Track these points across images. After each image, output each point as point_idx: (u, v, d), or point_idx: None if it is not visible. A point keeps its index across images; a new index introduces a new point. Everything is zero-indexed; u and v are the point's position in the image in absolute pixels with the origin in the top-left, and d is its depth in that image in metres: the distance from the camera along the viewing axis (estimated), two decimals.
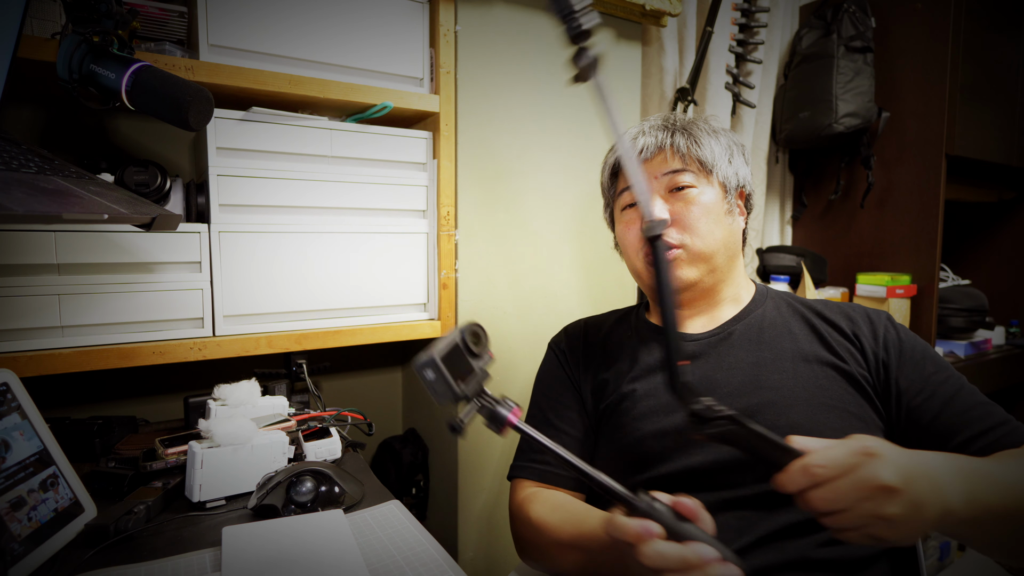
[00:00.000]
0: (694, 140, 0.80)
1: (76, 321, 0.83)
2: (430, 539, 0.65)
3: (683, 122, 0.83)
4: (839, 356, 0.75)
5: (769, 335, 0.79)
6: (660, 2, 1.32)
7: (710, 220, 0.78)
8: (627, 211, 0.85)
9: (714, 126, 0.84)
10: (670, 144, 0.80)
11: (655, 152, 0.81)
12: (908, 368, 0.73)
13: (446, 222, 1.13)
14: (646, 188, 0.59)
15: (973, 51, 1.62)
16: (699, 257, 0.78)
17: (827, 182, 1.87)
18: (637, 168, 0.60)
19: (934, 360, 0.74)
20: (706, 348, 0.80)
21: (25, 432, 0.64)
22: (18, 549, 0.57)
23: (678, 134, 0.81)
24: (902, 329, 0.78)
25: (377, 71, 1.05)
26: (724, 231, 0.80)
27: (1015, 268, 2.06)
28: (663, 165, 0.80)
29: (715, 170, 0.80)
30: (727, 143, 0.83)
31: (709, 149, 0.80)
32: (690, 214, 0.78)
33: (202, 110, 0.66)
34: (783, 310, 0.82)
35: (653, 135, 0.82)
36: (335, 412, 0.92)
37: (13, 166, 0.65)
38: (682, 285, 0.80)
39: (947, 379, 0.72)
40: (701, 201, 0.79)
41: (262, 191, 0.96)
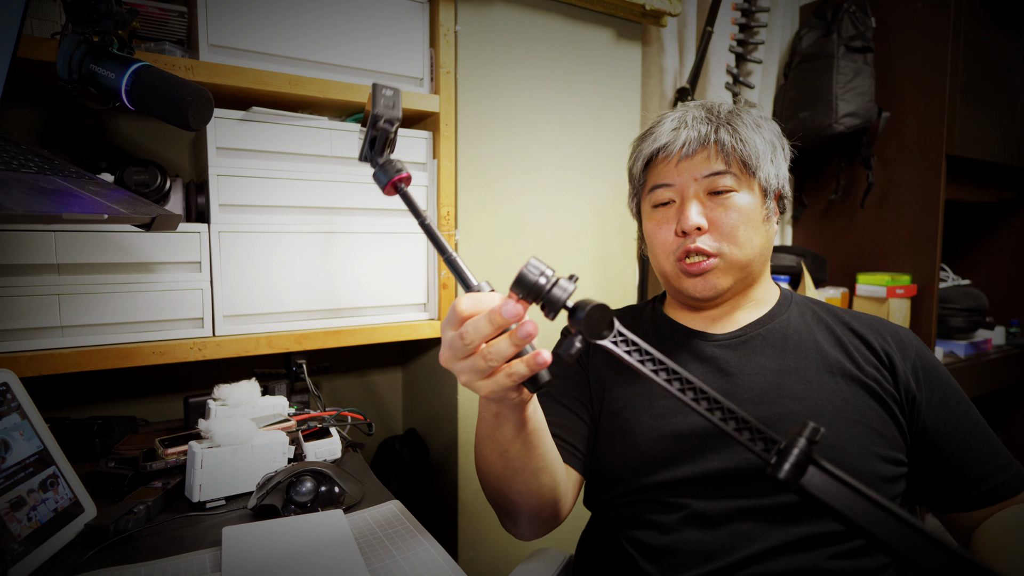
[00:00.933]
0: (739, 137, 0.74)
1: (76, 321, 0.83)
2: (430, 539, 0.65)
3: (727, 114, 0.76)
4: (865, 371, 0.72)
5: (794, 342, 0.76)
6: (660, 2, 1.32)
7: (749, 228, 0.73)
8: (659, 209, 0.79)
9: (757, 118, 0.77)
10: (714, 140, 0.74)
11: (697, 148, 0.74)
12: (936, 400, 0.72)
13: (446, 222, 1.13)
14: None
15: (973, 51, 1.62)
16: (735, 267, 0.74)
17: (827, 182, 1.87)
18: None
19: (956, 392, 0.74)
20: (726, 350, 0.77)
21: (25, 432, 0.64)
22: (18, 549, 0.57)
23: (723, 129, 0.74)
24: (929, 355, 0.76)
25: (377, 71, 1.05)
26: (762, 238, 0.75)
27: (1015, 268, 2.06)
28: (705, 165, 0.74)
29: (758, 172, 0.74)
30: (771, 138, 0.76)
31: (754, 147, 0.74)
32: (729, 221, 0.73)
33: (202, 110, 0.66)
34: (808, 318, 0.79)
35: (696, 128, 0.74)
36: (335, 412, 0.92)
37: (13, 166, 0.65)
38: (714, 294, 0.75)
39: (966, 413, 0.72)
40: (741, 207, 0.73)
41: (262, 191, 0.96)
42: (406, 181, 0.57)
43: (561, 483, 0.72)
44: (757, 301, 0.80)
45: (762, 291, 0.80)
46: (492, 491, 0.72)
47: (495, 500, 0.73)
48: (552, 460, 0.69)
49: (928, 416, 0.71)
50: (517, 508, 0.71)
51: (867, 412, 0.69)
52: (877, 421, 0.69)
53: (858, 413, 0.69)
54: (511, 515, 0.73)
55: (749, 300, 0.79)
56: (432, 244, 0.55)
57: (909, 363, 0.73)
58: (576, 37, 1.28)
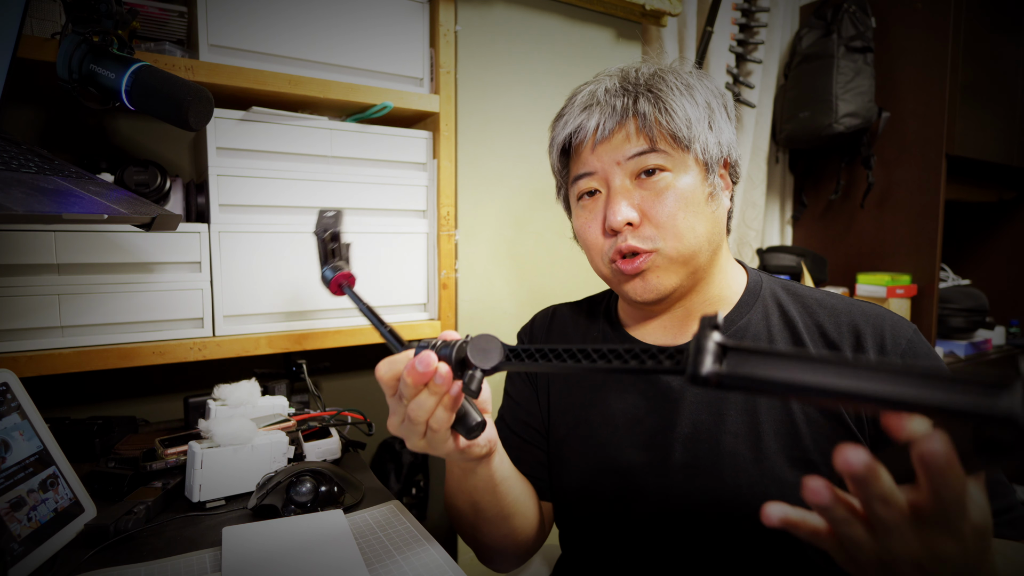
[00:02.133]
0: (663, 106, 0.62)
1: (76, 321, 0.83)
2: (430, 539, 0.65)
3: (647, 79, 0.64)
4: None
5: None
6: (660, 2, 1.33)
7: (689, 213, 0.62)
8: (585, 201, 0.68)
9: (687, 78, 0.65)
10: (633, 115, 0.63)
11: (614, 127, 0.63)
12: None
13: (446, 222, 1.13)
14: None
15: (973, 51, 1.62)
16: (678, 261, 0.63)
17: (827, 182, 1.87)
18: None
19: None
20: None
21: (25, 432, 0.64)
22: (18, 549, 0.57)
23: (642, 99, 0.62)
24: (924, 357, 0.61)
25: (377, 71, 1.05)
26: (707, 223, 0.64)
27: (1015, 268, 2.06)
28: (625, 145, 0.63)
29: (693, 144, 0.62)
30: (705, 100, 0.64)
31: (683, 118, 0.62)
32: (663, 209, 0.62)
33: (202, 110, 0.66)
34: (773, 320, 0.66)
35: (610, 104, 0.63)
36: (335, 412, 0.92)
37: (13, 166, 0.65)
38: (657, 296, 0.64)
39: None
40: (676, 189, 0.62)
41: (262, 191, 0.96)
42: (349, 280, 0.65)
43: (533, 521, 0.73)
44: (715, 300, 0.68)
45: (719, 287, 0.68)
46: (466, 536, 0.73)
47: (470, 543, 0.73)
48: (523, 504, 0.70)
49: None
50: (492, 550, 0.72)
51: (818, 446, 0.59)
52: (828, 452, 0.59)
53: (804, 449, 0.59)
54: (486, 557, 0.74)
55: (705, 300, 0.68)
56: (368, 319, 0.64)
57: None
58: (576, 37, 1.28)
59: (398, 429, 0.52)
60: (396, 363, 0.50)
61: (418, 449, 0.53)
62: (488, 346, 0.45)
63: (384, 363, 0.50)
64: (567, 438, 0.73)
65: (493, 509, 0.66)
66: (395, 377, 0.50)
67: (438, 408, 0.49)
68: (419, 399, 0.48)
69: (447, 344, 0.48)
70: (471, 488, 0.64)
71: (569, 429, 0.73)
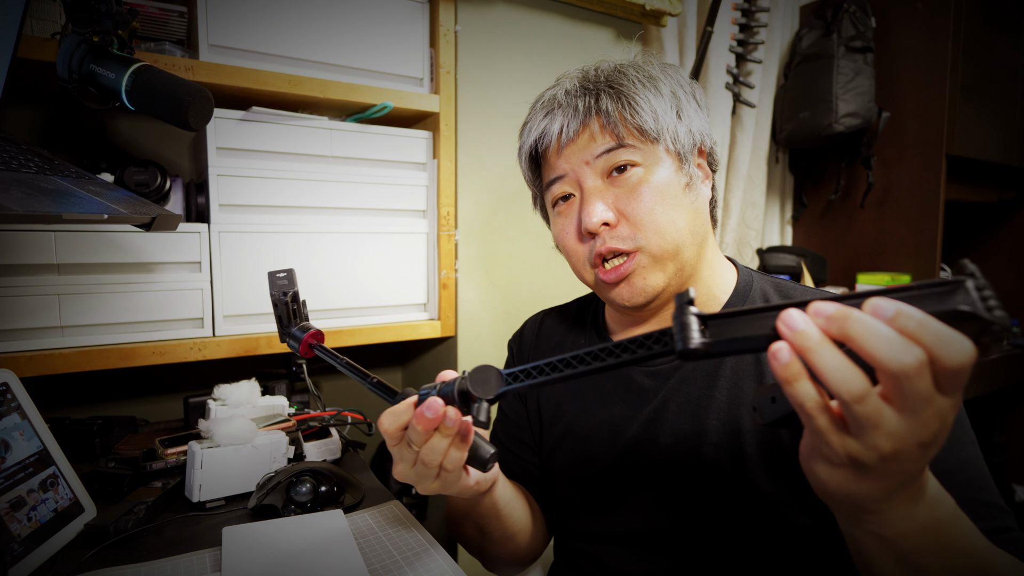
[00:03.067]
0: (627, 101, 0.60)
1: (76, 321, 0.83)
2: (430, 539, 0.65)
3: (608, 75, 0.63)
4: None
5: (731, 366, 0.62)
6: (660, 2, 1.32)
7: (667, 206, 0.60)
8: (560, 206, 0.66)
9: (649, 70, 0.63)
10: (596, 113, 0.61)
11: (578, 128, 0.62)
12: None
13: (446, 222, 1.13)
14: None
15: (973, 51, 1.62)
16: (664, 257, 0.61)
17: (827, 182, 1.87)
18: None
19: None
20: (655, 379, 0.65)
21: (25, 432, 0.64)
22: (18, 549, 0.57)
23: (604, 96, 0.61)
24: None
25: (377, 71, 1.05)
26: (687, 214, 0.61)
27: (1015, 268, 2.06)
28: (592, 144, 0.61)
29: (662, 135, 0.61)
30: (670, 91, 0.62)
31: (649, 110, 0.60)
32: (640, 203, 0.60)
33: (202, 110, 0.66)
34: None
35: (571, 105, 0.62)
36: (335, 412, 0.92)
37: (13, 166, 0.65)
38: (646, 298, 0.62)
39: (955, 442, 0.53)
40: (651, 182, 0.60)
41: (262, 191, 0.96)
42: (319, 338, 0.65)
43: (536, 534, 0.75)
44: (702, 301, 0.66)
45: (708, 285, 0.66)
46: (473, 552, 0.75)
47: (475, 556, 0.76)
48: (526, 521, 0.72)
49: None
50: (497, 564, 0.75)
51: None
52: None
53: (792, 462, 0.56)
54: (491, 568, 0.76)
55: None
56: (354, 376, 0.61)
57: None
58: (576, 37, 1.28)
59: (407, 476, 0.51)
60: (400, 414, 0.49)
61: (431, 492, 0.52)
62: (486, 376, 0.45)
63: (387, 416, 0.49)
64: (556, 449, 0.73)
65: (498, 532, 0.67)
66: (401, 428, 0.49)
67: (450, 449, 0.49)
68: (431, 444, 0.48)
69: (447, 383, 0.48)
70: (477, 516, 0.65)
71: (557, 440, 0.73)
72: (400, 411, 0.49)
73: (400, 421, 0.49)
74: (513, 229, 1.22)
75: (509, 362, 0.85)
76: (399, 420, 0.49)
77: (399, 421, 0.49)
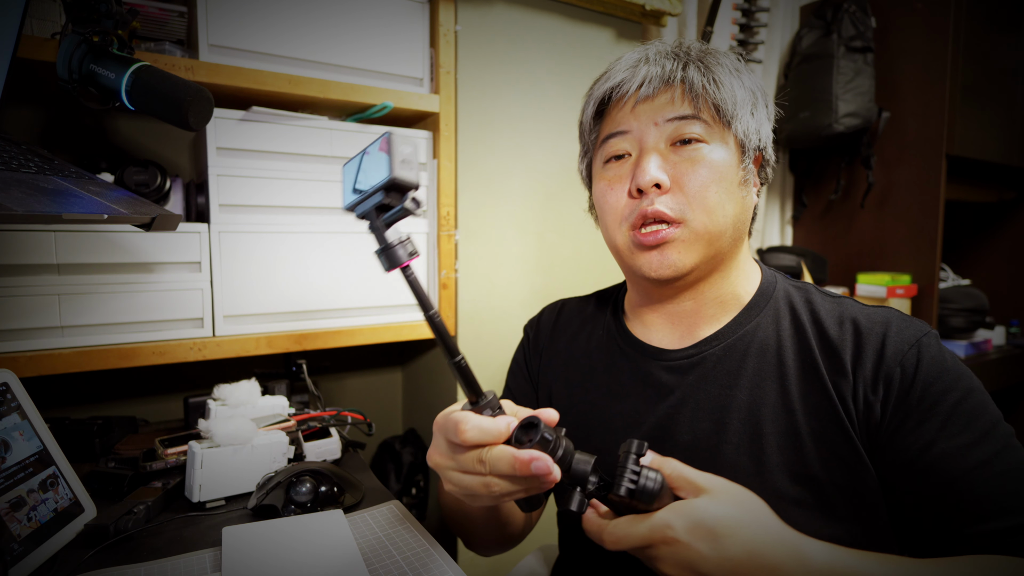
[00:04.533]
0: (713, 78, 0.60)
1: (76, 321, 0.83)
2: (430, 539, 0.65)
3: (699, 52, 0.63)
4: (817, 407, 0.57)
5: (753, 367, 0.61)
6: (660, 2, 1.32)
7: (722, 189, 0.59)
8: (611, 164, 0.65)
9: (738, 63, 0.63)
10: (680, 79, 0.60)
11: (660, 87, 0.61)
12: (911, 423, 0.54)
13: (446, 222, 1.13)
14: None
15: (973, 51, 1.62)
16: (703, 239, 0.59)
17: (827, 182, 1.87)
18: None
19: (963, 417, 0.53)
20: (674, 375, 0.64)
21: (25, 432, 0.64)
22: (18, 549, 0.57)
23: (692, 67, 0.61)
24: (930, 362, 0.55)
25: (377, 71, 1.05)
26: (737, 206, 0.61)
27: (1015, 268, 2.06)
28: (668, 107, 0.60)
29: (735, 122, 0.60)
30: (751, 86, 0.63)
31: (730, 92, 0.60)
32: (697, 178, 0.59)
33: (202, 110, 0.66)
34: (784, 326, 0.62)
35: (659, 64, 0.61)
36: (335, 412, 0.92)
37: (13, 166, 0.65)
38: (672, 273, 0.60)
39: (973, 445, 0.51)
40: (712, 162, 0.59)
41: (262, 191, 0.96)
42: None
43: (526, 521, 0.76)
44: (727, 299, 0.65)
45: (734, 283, 0.65)
46: (456, 532, 0.76)
47: (459, 536, 0.76)
48: (517, 512, 0.73)
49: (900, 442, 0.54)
50: (483, 548, 0.77)
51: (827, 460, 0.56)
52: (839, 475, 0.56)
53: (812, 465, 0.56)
54: (475, 549, 0.77)
55: (717, 297, 0.64)
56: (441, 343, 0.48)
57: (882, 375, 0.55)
58: (576, 37, 1.28)
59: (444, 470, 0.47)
60: (488, 433, 0.44)
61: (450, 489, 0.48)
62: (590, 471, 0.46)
63: (473, 429, 0.44)
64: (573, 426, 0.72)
65: (491, 523, 0.69)
66: (479, 443, 0.44)
67: (515, 490, 0.45)
68: (503, 484, 0.44)
69: (547, 442, 0.44)
70: (470, 510, 0.67)
71: (568, 431, 0.72)
72: (491, 431, 0.44)
73: (486, 439, 0.44)
74: (513, 229, 1.22)
75: (524, 345, 0.83)
76: (485, 437, 0.44)
77: (484, 438, 0.44)
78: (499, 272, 1.21)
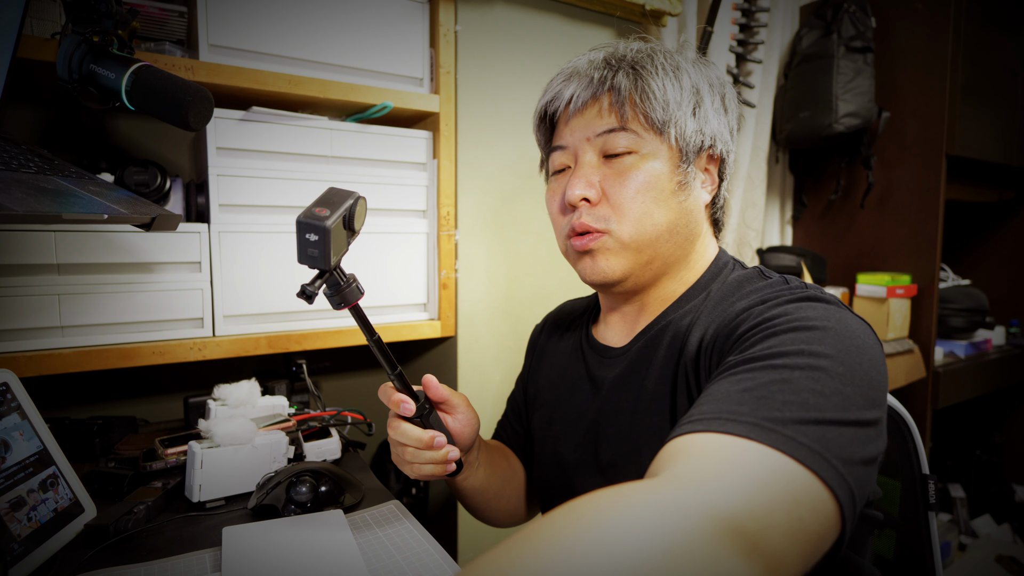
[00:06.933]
0: (643, 85, 0.59)
1: (76, 321, 0.83)
2: (430, 539, 0.65)
3: (634, 56, 0.62)
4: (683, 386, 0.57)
5: (662, 355, 0.60)
6: (660, 2, 1.32)
7: (649, 199, 0.60)
8: (556, 177, 0.67)
9: (678, 60, 0.62)
10: (608, 89, 0.61)
11: (588, 100, 0.62)
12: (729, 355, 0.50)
13: (446, 222, 1.13)
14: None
15: (973, 51, 1.62)
16: (629, 247, 0.61)
17: (827, 182, 1.87)
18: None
19: (782, 332, 0.46)
20: (609, 371, 0.66)
21: (25, 432, 0.64)
22: (18, 549, 0.57)
23: (621, 74, 0.60)
24: (778, 308, 0.50)
25: (377, 71, 1.05)
26: (669, 213, 0.61)
27: (1015, 268, 2.06)
28: (596, 121, 0.61)
29: (668, 127, 0.60)
30: (693, 84, 0.61)
31: (661, 96, 0.59)
32: (623, 190, 0.60)
33: (202, 110, 0.66)
34: (707, 312, 0.59)
35: (588, 76, 0.62)
36: (335, 412, 0.92)
37: (13, 166, 0.65)
38: (603, 279, 0.62)
39: (760, 360, 0.45)
40: (641, 172, 0.60)
41: (262, 191, 0.96)
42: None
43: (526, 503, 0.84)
44: (668, 298, 0.65)
45: (681, 283, 0.65)
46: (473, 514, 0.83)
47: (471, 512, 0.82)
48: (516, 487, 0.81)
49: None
50: (500, 523, 0.83)
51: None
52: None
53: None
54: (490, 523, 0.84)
55: (660, 297, 0.65)
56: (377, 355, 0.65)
57: (723, 336, 0.53)
58: (576, 37, 1.28)
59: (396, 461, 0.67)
60: (407, 435, 0.63)
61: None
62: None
63: (407, 428, 0.63)
64: (537, 432, 0.78)
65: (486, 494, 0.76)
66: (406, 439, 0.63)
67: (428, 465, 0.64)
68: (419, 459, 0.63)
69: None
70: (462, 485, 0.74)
71: (539, 424, 0.77)
72: (413, 436, 0.63)
73: (407, 438, 0.63)
74: (513, 229, 1.22)
75: (527, 349, 0.88)
76: (406, 436, 0.63)
77: (406, 437, 0.63)
78: (499, 272, 1.21)
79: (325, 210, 0.50)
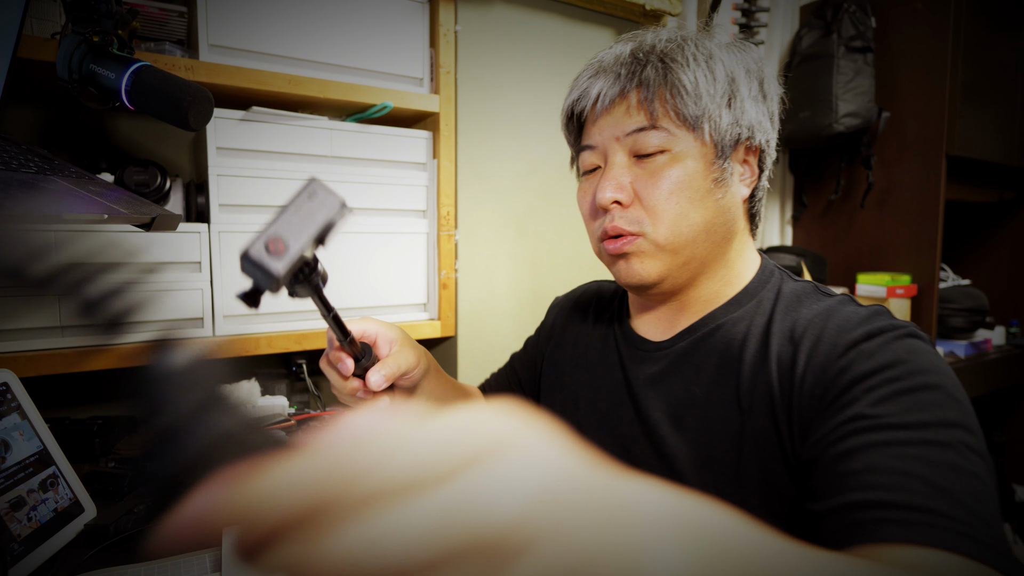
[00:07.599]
0: (672, 78, 0.56)
1: (76, 321, 0.83)
2: None
3: (663, 48, 0.58)
4: (758, 406, 0.54)
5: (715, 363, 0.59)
6: (660, 2, 1.32)
7: (683, 199, 0.57)
8: (586, 178, 0.65)
9: (710, 47, 0.58)
10: (637, 85, 0.57)
11: (616, 98, 0.58)
12: (830, 411, 0.47)
13: (446, 222, 1.13)
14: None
15: (973, 51, 1.62)
16: (665, 250, 0.58)
17: (827, 182, 1.87)
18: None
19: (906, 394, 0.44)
20: (644, 366, 0.64)
21: (25, 432, 0.64)
22: (18, 549, 0.57)
23: (650, 68, 0.56)
24: (882, 347, 0.48)
25: (377, 71, 1.05)
26: (706, 212, 0.58)
27: (1015, 268, 2.06)
28: (625, 120, 0.58)
29: (701, 123, 0.56)
30: (727, 74, 0.57)
31: (692, 90, 0.55)
32: (656, 190, 0.57)
33: (202, 110, 0.66)
34: (757, 323, 0.58)
35: (615, 72, 0.58)
36: (335, 412, 0.92)
37: (13, 166, 0.65)
38: (639, 282, 0.60)
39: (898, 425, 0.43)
40: (674, 171, 0.56)
41: (262, 191, 0.96)
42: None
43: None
44: (710, 299, 0.62)
45: (721, 283, 0.62)
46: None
47: None
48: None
49: (814, 434, 0.49)
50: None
51: (764, 463, 0.53)
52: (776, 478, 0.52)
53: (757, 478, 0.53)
54: None
55: (701, 297, 0.62)
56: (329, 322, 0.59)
57: (812, 369, 0.50)
58: (576, 37, 1.28)
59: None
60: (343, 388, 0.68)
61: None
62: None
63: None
64: (557, 411, 0.74)
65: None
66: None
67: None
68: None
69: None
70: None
71: (561, 405, 0.74)
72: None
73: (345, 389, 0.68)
74: (513, 229, 1.22)
75: (546, 323, 0.85)
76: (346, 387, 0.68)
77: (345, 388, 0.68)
78: (499, 272, 1.21)
79: (281, 244, 0.37)
